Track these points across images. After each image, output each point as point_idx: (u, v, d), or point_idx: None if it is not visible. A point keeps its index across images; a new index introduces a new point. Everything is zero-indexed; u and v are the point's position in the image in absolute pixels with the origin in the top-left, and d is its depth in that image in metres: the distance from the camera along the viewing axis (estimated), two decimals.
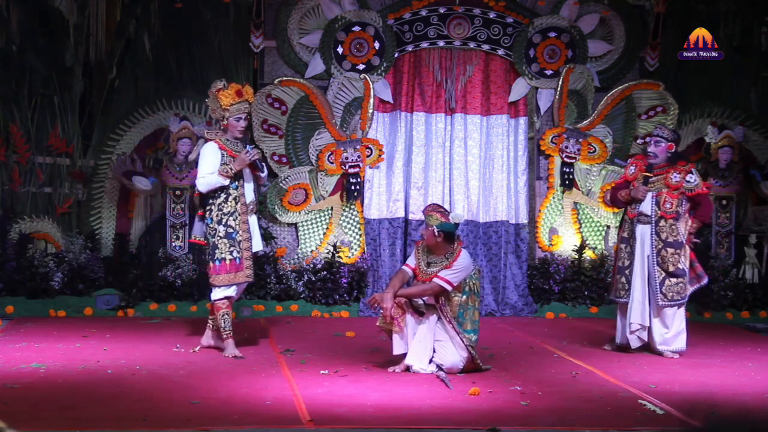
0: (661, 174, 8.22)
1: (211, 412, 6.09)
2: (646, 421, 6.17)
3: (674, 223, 8.15)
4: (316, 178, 10.54)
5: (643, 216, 8.22)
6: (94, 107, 10.95)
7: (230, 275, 7.85)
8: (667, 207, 8.16)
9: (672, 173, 8.19)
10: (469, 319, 7.39)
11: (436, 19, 10.63)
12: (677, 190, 8.17)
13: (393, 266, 10.44)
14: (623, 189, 8.37)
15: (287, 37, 10.58)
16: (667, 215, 8.14)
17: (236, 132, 7.92)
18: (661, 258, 8.15)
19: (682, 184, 8.17)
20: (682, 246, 8.18)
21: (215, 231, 7.85)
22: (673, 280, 8.14)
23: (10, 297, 9.89)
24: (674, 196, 8.16)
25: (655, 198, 8.19)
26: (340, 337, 8.89)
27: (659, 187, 8.20)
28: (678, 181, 8.17)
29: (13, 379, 6.86)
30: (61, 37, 10.84)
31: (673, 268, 8.14)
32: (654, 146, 8.24)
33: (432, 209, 7.51)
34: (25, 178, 10.52)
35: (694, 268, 8.31)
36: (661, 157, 8.22)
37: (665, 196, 8.17)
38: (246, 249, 7.87)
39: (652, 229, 8.19)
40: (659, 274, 8.15)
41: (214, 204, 7.85)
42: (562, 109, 10.74)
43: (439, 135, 10.64)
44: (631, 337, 8.28)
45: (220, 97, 7.84)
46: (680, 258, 8.17)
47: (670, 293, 8.14)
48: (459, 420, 6.05)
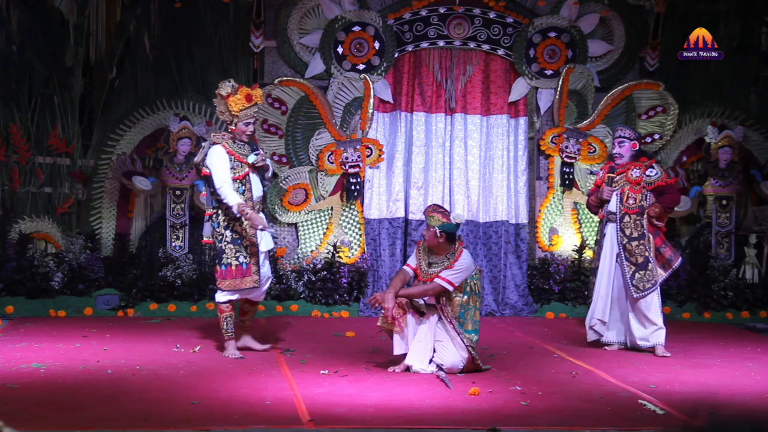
0: (623, 172, 8.37)
1: (211, 412, 6.10)
2: (646, 421, 6.18)
3: (638, 218, 8.29)
4: (316, 178, 10.54)
5: (611, 214, 8.38)
6: (94, 107, 10.95)
7: (236, 281, 7.83)
8: (630, 203, 8.31)
9: (632, 169, 8.34)
10: (471, 320, 7.39)
11: (436, 19, 10.63)
12: (639, 185, 8.29)
13: (393, 266, 10.44)
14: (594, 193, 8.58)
15: (287, 37, 10.58)
16: (629, 211, 8.28)
17: (244, 136, 7.92)
18: (628, 252, 8.26)
19: (642, 179, 8.30)
20: (645, 236, 8.26)
21: (222, 236, 7.83)
22: (641, 272, 8.26)
23: (10, 297, 9.89)
24: (636, 192, 8.31)
25: (619, 195, 8.33)
26: (340, 337, 8.89)
27: (622, 184, 8.35)
28: (638, 176, 8.32)
29: (13, 379, 6.86)
30: (61, 37, 10.85)
31: (641, 259, 8.25)
32: (618, 147, 8.42)
33: (433, 210, 7.51)
34: (25, 178, 10.52)
35: (662, 254, 8.36)
36: (626, 156, 8.40)
37: (627, 192, 8.32)
38: (253, 254, 7.85)
39: (617, 226, 8.29)
40: (629, 268, 8.26)
41: (221, 208, 7.84)
42: (562, 109, 10.74)
43: (439, 135, 10.64)
44: (589, 331, 8.46)
45: (230, 103, 7.81)
46: (645, 248, 8.26)
47: (641, 284, 8.26)
48: (459, 420, 6.06)
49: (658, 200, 8.34)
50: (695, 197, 10.84)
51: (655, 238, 8.34)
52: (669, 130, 10.97)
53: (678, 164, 10.99)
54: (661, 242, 8.40)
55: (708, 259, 10.67)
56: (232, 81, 7.96)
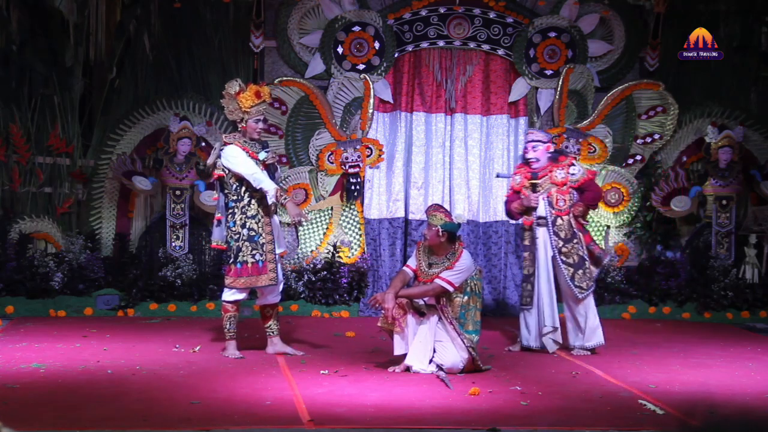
0: (546, 175, 8.28)
1: (211, 412, 6.10)
2: (646, 421, 6.17)
3: (569, 219, 8.22)
4: (316, 178, 10.54)
5: (541, 219, 8.27)
6: (94, 107, 10.95)
7: (251, 278, 7.82)
8: (560, 205, 8.23)
9: (555, 171, 8.26)
10: (471, 320, 7.40)
11: (436, 19, 10.63)
12: (565, 185, 8.23)
13: (393, 266, 10.44)
14: (515, 201, 8.40)
15: (287, 37, 10.58)
16: (561, 213, 8.21)
17: (254, 134, 7.92)
18: (564, 255, 8.19)
19: (567, 179, 8.23)
20: (576, 236, 8.21)
21: (239, 234, 7.81)
22: (580, 272, 8.18)
23: (10, 297, 9.89)
24: (564, 192, 8.24)
25: (547, 199, 8.23)
26: (340, 337, 8.89)
27: (548, 187, 8.25)
28: (563, 177, 8.24)
29: (13, 379, 6.86)
30: (61, 37, 10.85)
31: (577, 259, 8.19)
32: (533, 152, 8.29)
33: (435, 209, 7.52)
34: (25, 178, 10.51)
35: (592, 251, 8.31)
36: (542, 159, 8.28)
37: (556, 195, 8.23)
38: (270, 252, 7.84)
39: (550, 230, 8.21)
40: (567, 270, 8.18)
41: (237, 207, 7.83)
42: (562, 109, 10.74)
43: (439, 135, 10.64)
44: (547, 341, 8.26)
45: (241, 100, 7.82)
46: (579, 247, 8.21)
47: (583, 283, 8.17)
48: (459, 420, 6.06)
49: (580, 198, 8.26)
50: (695, 197, 10.82)
51: (585, 236, 8.29)
52: (669, 130, 10.97)
53: (678, 164, 10.99)
54: (590, 240, 8.35)
55: (708, 259, 10.66)
56: (239, 80, 7.97)
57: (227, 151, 7.83)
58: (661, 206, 10.80)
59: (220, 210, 7.94)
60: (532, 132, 8.51)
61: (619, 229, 10.90)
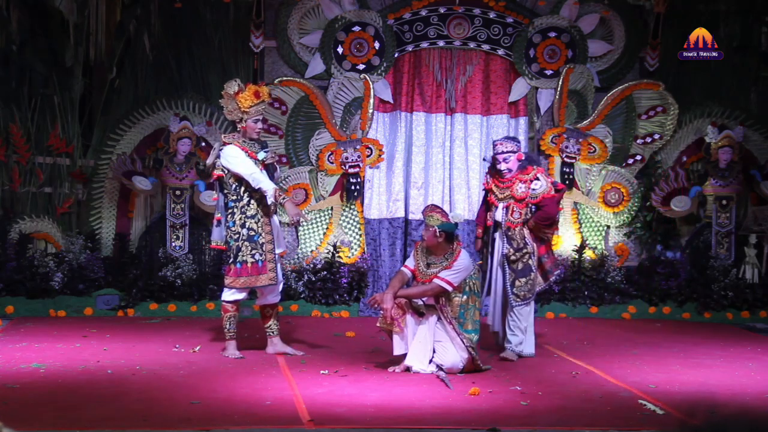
0: (510, 186, 8.18)
1: (211, 412, 6.10)
2: (646, 421, 6.17)
3: (522, 230, 8.14)
4: (316, 178, 10.55)
5: (497, 224, 8.24)
6: (94, 107, 10.95)
7: (251, 278, 7.82)
8: (514, 217, 8.15)
9: (517, 184, 8.17)
10: (470, 319, 7.40)
11: (436, 19, 10.63)
12: (522, 200, 8.14)
13: (393, 266, 10.44)
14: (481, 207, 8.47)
15: (287, 37, 10.59)
16: (512, 225, 8.14)
17: (253, 134, 7.93)
18: (510, 261, 8.13)
19: (527, 194, 8.13)
20: (528, 245, 8.13)
21: (238, 234, 7.81)
22: (523, 280, 8.12)
23: (10, 297, 9.89)
24: (521, 206, 8.15)
25: (505, 208, 8.18)
26: (340, 337, 8.89)
27: (508, 197, 8.18)
28: (523, 191, 8.13)
29: (13, 379, 6.86)
30: (61, 37, 10.85)
31: (522, 266, 8.12)
32: (505, 163, 8.18)
33: (431, 210, 7.51)
34: (25, 178, 10.52)
35: (543, 264, 8.25)
36: (515, 169, 8.18)
37: (513, 207, 8.16)
38: (269, 251, 7.85)
39: (503, 236, 8.17)
40: (510, 275, 8.13)
41: (236, 207, 7.83)
42: (562, 109, 10.75)
43: (439, 135, 10.65)
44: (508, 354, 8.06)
45: (240, 100, 7.82)
46: (528, 258, 8.12)
47: (521, 292, 8.11)
48: (459, 420, 6.06)
49: (535, 215, 8.15)
50: (695, 197, 10.83)
51: (540, 247, 8.22)
52: (669, 130, 10.97)
53: (678, 164, 10.99)
54: (544, 251, 8.26)
55: (708, 259, 10.66)
56: (238, 80, 7.97)
57: (226, 151, 7.83)
58: (661, 206, 10.80)
59: (220, 210, 7.94)
60: (501, 143, 8.28)
61: (619, 229, 10.91)
